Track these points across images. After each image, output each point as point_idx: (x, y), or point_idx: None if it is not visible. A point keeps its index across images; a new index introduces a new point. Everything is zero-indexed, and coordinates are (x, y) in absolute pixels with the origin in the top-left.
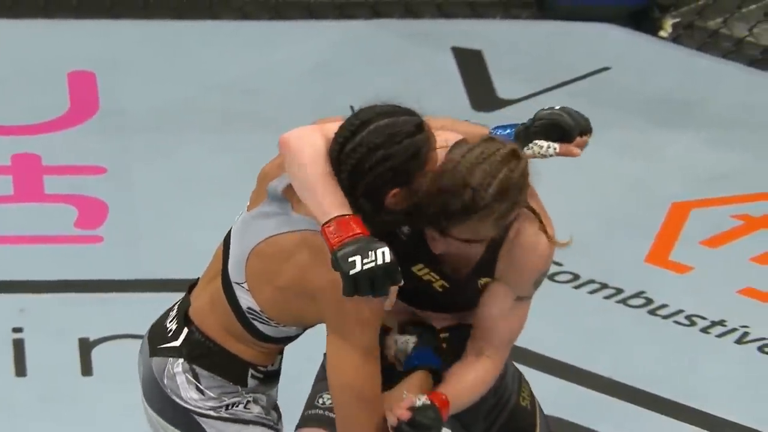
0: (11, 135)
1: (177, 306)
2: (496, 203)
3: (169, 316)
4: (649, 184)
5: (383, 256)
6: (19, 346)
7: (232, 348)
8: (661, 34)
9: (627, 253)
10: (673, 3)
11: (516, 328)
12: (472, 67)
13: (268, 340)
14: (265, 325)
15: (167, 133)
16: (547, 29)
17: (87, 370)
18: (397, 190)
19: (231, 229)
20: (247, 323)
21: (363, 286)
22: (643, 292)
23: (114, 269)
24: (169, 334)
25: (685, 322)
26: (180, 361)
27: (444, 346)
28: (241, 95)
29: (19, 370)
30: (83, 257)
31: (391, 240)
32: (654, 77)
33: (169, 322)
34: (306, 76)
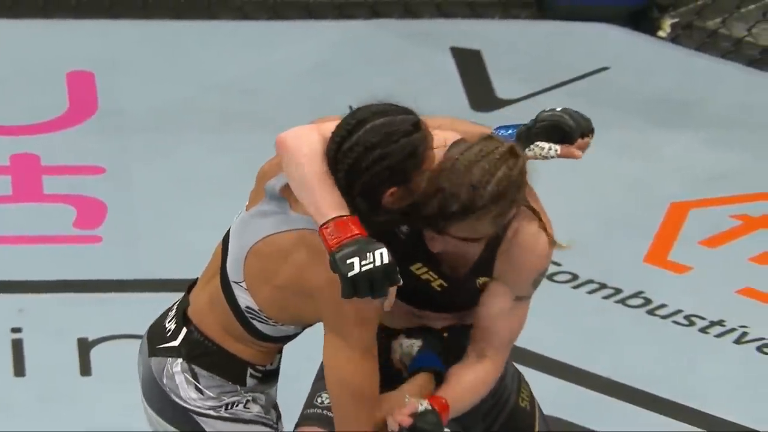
0: (10, 135)
1: (176, 306)
2: (494, 201)
3: (168, 316)
4: (648, 184)
5: (381, 257)
6: (18, 346)
7: (231, 347)
8: (660, 34)
9: (626, 253)
10: (672, 3)
11: (516, 329)
12: (471, 67)
13: (267, 339)
14: (264, 324)
15: (166, 133)
16: (546, 29)
17: (86, 370)
18: (394, 189)
19: (230, 229)
20: (246, 322)
21: (362, 287)
22: (641, 292)
23: (113, 269)
24: (168, 334)
25: (684, 322)
26: (179, 360)
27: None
28: (240, 95)
29: (18, 370)
30: (82, 257)
31: (389, 239)
32: (653, 77)
33: (168, 322)
34: (305, 76)
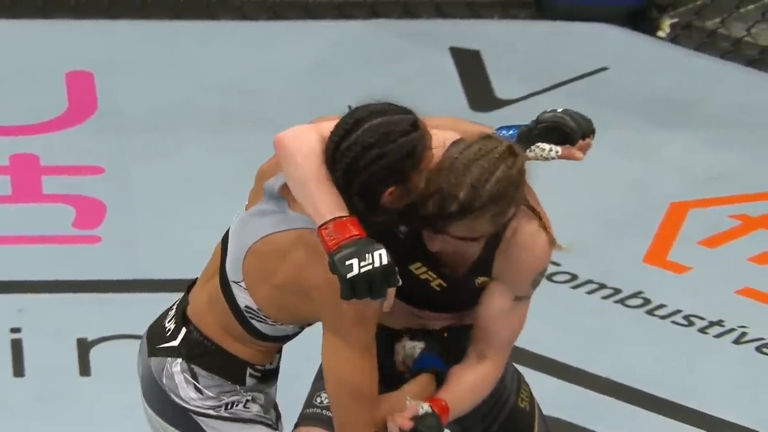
0: (9, 135)
1: (175, 305)
2: (493, 200)
3: (167, 316)
4: (647, 184)
5: (380, 258)
6: (17, 346)
7: (230, 347)
8: (659, 34)
9: (625, 253)
10: (671, 3)
11: (516, 329)
12: (470, 67)
13: (266, 339)
14: (263, 324)
15: (165, 133)
16: (545, 29)
17: (85, 370)
18: (392, 188)
19: (229, 228)
20: (245, 322)
21: (361, 289)
22: (641, 292)
23: (112, 269)
24: (167, 334)
25: (683, 322)
26: (178, 360)
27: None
28: (239, 95)
29: (17, 370)
30: (81, 257)
31: (388, 239)
32: (652, 77)
33: (168, 322)
34: (304, 76)
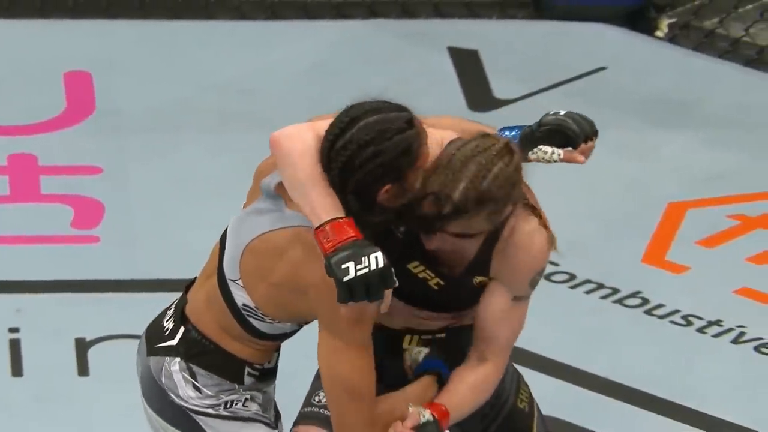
0: (7, 135)
1: (174, 305)
2: (491, 196)
3: (166, 315)
4: (646, 184)
5: (377, 261)
6: (15, 346)
7: (229, 346)
8: (658, 34)
9: (623, 253)
10: (669, 3)
11: (515, 329)
12: (469, 66)
13: (264, 337)
14: (261, 322)
15: (163, 133)
16: (544, 29)
17: (83, 370)
18: (389, 186)
19: (227, 227)
20: (243, 320)
21: (358, 292)
22: (639, 292)
23: (110, 269)
24: (166, 333)
25: (682, 322)
26: (177, 359)
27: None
28: (238, 95)
29: (16, 370)
30: (80, 257)
31: (386, 238)
32: (650, 77)
33: (166, 321)
34: (302, 76)
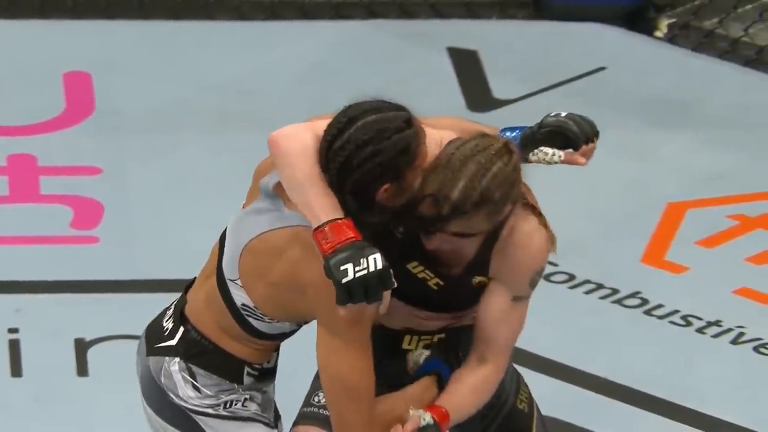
0: (7, 135)
1: (174, 305)
2: (489, 195)
3: (165, 315)
4: (645, 184)
5: (375, 262)
6: (14, 347)
7: (228, 346)
8: (657, 34)
9: (623, 254)
10: (669, 3)
11: (515, 330)
12: (468, 67)
13: (263, 337)
14: (260, 322)
15: (163, 133)
16: (543, 29)
17: (83, 370)
18: (387, 185)
19: (227, 227)
20: (242, 320)
21: (357, 293)
22: (638, 292)
23: (110, 270)
24: (165, 333)
25: (681, 322)
26: (176, 360)
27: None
28: (237, 95)
29: (15, 370)
30: (79, 258)
31: (386, 238)
32: (650, 77)
33: (166, 321)
34: (302, 76)
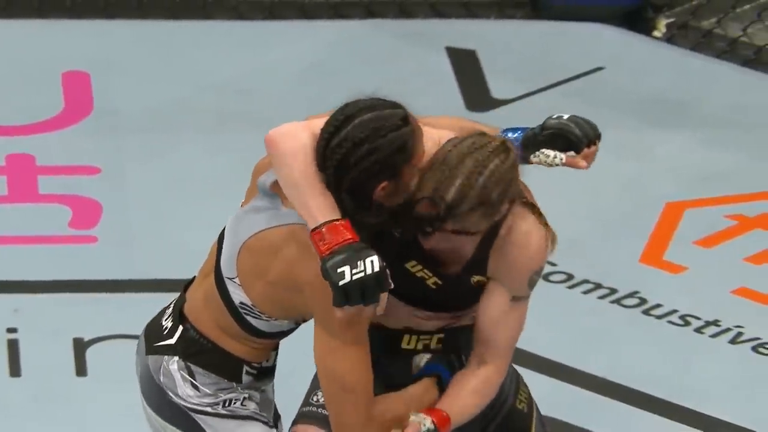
0: (5, 135)
1: (173, 304)
2: (487, 193)
3: (165, 314)
4: (643, 184)
5: (372, 265)
6: (13, 347)
7: (226, 345)
8: (655, 34)
9: (621, 253)
10: (667, 3)
11: (515, 331)
12: (467, 66)
13: (262, 335)
14: (258, 320)
15: (161, 133)
16: (541, 29)
17: (81, 370)
18: (385, 183)
19: (226, 226)
20: (240, 318)
21: (353, 296)
22: (637, 292)
23: (108, 269)
24: (164, 332)
25: (679, 322)
26: (175, 358)
27: (440, 346)
28: (236, 95)
29: (14, 370)
30: (77, 257)
31: (384, 237)
32: (648, 77)
33: (165, 320)
34: (300, 76)
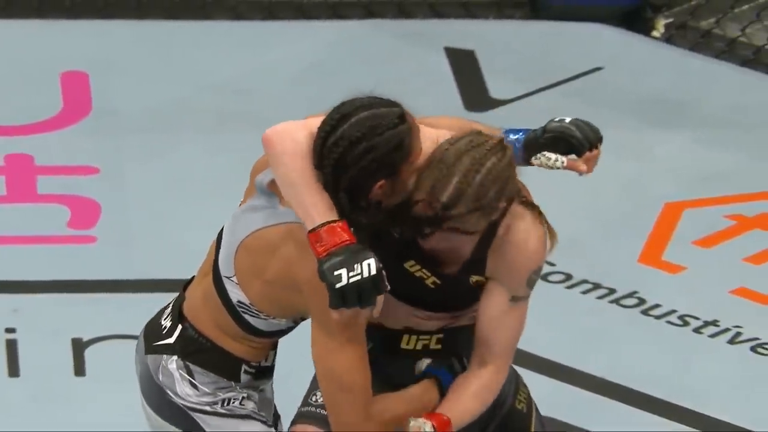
0: (4, 135)
1: (172, 303)
2: (484, 191)
3: (164, 314)
4: (642, 184)
5: (369, 268)
6: (12, 347)
7: (225, 345)
8: (654, 34)
9: (620, 253)
10: (666, 3)
11: (515, 331)
12: (465, 67)
13: (260, 334)
14: (256, 319)
15: (160, 133)
16: (540, 29)
17: (80, 370)
18: (383, 181)
19: (224, 225)
20: (238, 317)
21: (350, 298)
22: (636, 292)
23: (107, 269)
24: (163, 331)
25: (678, 322)
26: (174, 357)
27: (440, 347)
28: (235, 95)
29: (12, 370)
30: (76, 257)
31: (382, 236)
32: (647, 77)
33: (164, 320)
34: (299, 76)
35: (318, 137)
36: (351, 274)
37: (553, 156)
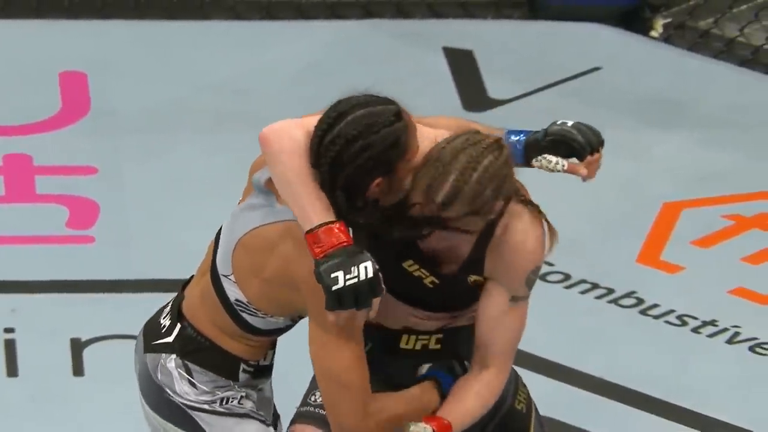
0: (3, 135)
1: (171, 302)
2: (481, 189)
3: (163, 313)
4: (641, 184)
5: (366, 270)
6: (10, 347)
7: (224, 344)
8: (652, 34)
9: (618, 253)
10: (664, 3)
11: (516, 332)
12: (463, 67)
13: (258, 333)
14: (254, 317)
15: (159, 133)
16: (539, 29)
17: (78, 370)
18: (380, 179)
19: (223, 224)
20: (236, 315)
21: (346, 301)
22: (634, 292)
23: (106, 269)
24: (162, 330)
25: (677, 322)
26: (173, 356)
27: (440, 347)
28: (233, 95)
29: (11, 370)
30: (75, 257)
31: (381, 236)
32: (645, 77)
33: (163, 319)
34: (298, 76)
35: (315, 135)
36: (348, 276)
37: (554, 159)
